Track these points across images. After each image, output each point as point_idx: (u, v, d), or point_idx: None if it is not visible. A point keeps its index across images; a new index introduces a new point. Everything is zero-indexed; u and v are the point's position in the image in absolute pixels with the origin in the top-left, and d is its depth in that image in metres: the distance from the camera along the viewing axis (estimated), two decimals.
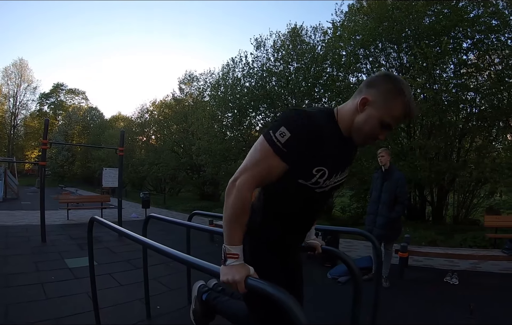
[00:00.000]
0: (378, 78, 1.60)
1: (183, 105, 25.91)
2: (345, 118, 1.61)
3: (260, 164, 1.53)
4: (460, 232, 9.84)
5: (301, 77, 14.99)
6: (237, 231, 1.55)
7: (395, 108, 1.53)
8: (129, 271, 5.98)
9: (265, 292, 1.40)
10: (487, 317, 4.43)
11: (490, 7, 11.10)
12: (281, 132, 1.49)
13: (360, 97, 1.57)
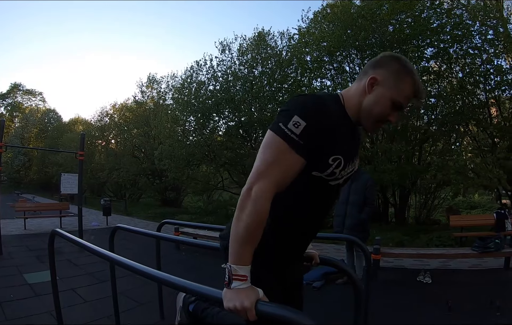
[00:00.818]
0: (385, 58, 1.49)
1: (144, 108, 25.21)
2: (352, 102, 1.48)
3: (276, 165, 1.31)
4: (423, 232, 10.23)
5: (265, 81, 14.94)
6: (249, 248, 1.32)
7: (406, 88, 1.44)
8: (93, 285, 5.62)
9: (282, 318, 1.24)
10: (463, 312, 4.64)
11: (453, 18, 11.60)
12: (294, 122, 1.30)
13: (367, 77, 1.46)
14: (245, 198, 1.30)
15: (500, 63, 11.74)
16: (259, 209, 1.28)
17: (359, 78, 1.52)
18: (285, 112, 1.35)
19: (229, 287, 1.31)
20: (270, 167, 1.31)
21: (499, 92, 11.83)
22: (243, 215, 1.29)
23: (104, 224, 13.57)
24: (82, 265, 6.85)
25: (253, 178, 1.31)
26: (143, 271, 1.86)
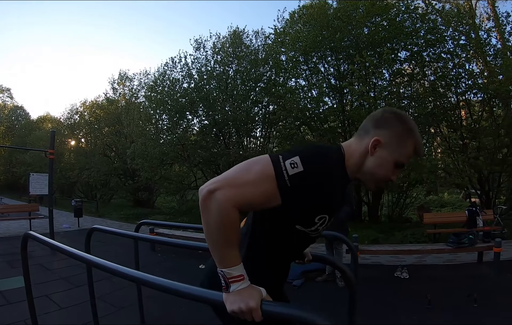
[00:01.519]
0: (388, 117, 1.44)
1: (116, 106, 24.55)
2: (353, 160, 1.44)
3: (252, 185, 1.24)
4: (397, 230, 10.51)
5: (239, 80, 14.91)
6: (231, 249, 1.26)
7: (408, 149, 1.42)
8: (68, 290, 5.39)
9: (292, 317, 1.22)
10: (442, 305, 4.85)
11: (427, 23, 11.93)
12: (293, 162, 1.25)
13: (370, 139, 1.41)
14: (206, 199, 1.21)
15: (472, 68, 12.09)
16: (227, 213, 1.20)
17: (360, 135, 1.48)
18: (289, 151, 1.32)
19: (227, 291, 1.26)
20: (246, 185, 1.24)
21: (470, 95, 12.21)
22: (210, 219, 1.22)
23: (76, 226, 13.17)
24: (55, 270, 6.62)
25: (220, 182, 1.23)
26: (138, 277, 1.79)
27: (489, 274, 6.36)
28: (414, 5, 12.50)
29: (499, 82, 11.02)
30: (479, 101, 12.44)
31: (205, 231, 1.25)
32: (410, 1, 12.79)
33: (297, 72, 13.99)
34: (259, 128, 16.23)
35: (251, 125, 15.41)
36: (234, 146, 14.74)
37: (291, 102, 12.76)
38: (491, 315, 4.48)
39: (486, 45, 12.01)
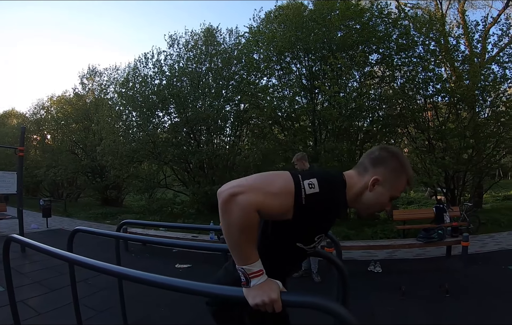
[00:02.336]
0: (384, 156, 1.60)
1: (84, 101, 23.76)
2: (353, 191, 1.58)
3: (273, 196, 1.34)
4: (367, 226, 10.74)
5: (211, 78, 14.86)
6: (251, 247, 1.35)
7: (402, 183, 1.59)
8: (44, 295, 5.10)
9: (308, 304, 1.34)
10: (416, 296, 5.15)
11: (399, 28, 12.28)
12: (310, 182, 1.38)
13: (370, 177, 1.56)
14: (227, 202, 1.29)
15: (440, 72, 12.55)
16: (248, 214, 1.28)
17: (359, 171, 1.61)
18: (308, 172, 1.45)
19: (248, 286, 1.35)
20: (269, 195, 1.33)
21: (438, 98, 12.66)
22: (232, 221, 1.29)
23: (44, 226, 12.53)
24: (28, 273, 6.33)
25: (243, 187, 1.30)
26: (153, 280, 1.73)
27: (458, 267, 6.75)
28: (387, 11, 12.83)
29: (466, 86, 11.52)
30: (446, 104, 12.89)
31: (225, 231, 1.33)
32: (384, 6, 13.15)
33: (270, 71, 14.07)
34: (229, 126, 16.17)
35: (223, 123, 15.37)
36: (205, 144, 14.60)
37: (264, 101, 12.86)
38: (462, 304, 4.81)
39: (455, 51, 12.50)
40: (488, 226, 10.81)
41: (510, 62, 12.11)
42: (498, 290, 5.32)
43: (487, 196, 19.33)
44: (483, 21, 13.18)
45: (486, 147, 12.50)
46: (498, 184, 16.85)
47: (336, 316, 1.27)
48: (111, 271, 1.97)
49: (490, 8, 23.48)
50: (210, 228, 6.51)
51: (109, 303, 4.55)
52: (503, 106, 11.92)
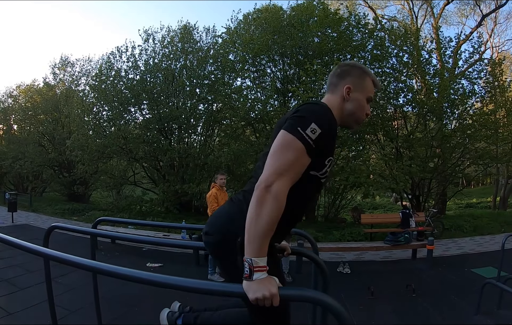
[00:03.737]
0: (346, 69, 1.78)
1: (54, 92, 22.81)
2: (335, 110, 1.68)
3: (295, 166, 1.47)
4: (334, 229, 11.01)
5: (185, 76, 14.75)
6: (268, 241, 1.44)
7: (370, 84, 1.77)
8: (13, 294, 4.84)
9: (305, 298, 1.42)
10: (385, 296, 5.40)
11: (375, 39, 12.61)
12: (312, 128, 1.47)
13: (342, 87, 1.72)
14: (263, 195, 1.40)
15: (412, 84, 13.01)
16: (280, 205, 1.42)
17: (331, 89, 1.78)
18: (301, 118, 1.51)
19: (250, 279, 1.39)
20: (291, 168, 1.46)
21: (408, 108, 13.07)
22: (263, 211, 1.39)
23: (9, 221, 11.77)
24: None
25: (272, 176, 1.42)
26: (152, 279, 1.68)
27: (423, 269, 7.07)
28: (364, 21, 13.12)
29: (435, 99, 11.92)
30: (415, 114, 13.28)
31: (253, 222, 1.41)
32: (362, 16, 13.45)
33: (245, 72, 14.09)
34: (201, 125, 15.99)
35: (195, 122, 15.24)
36: (177, 143, 14.45)
37: (238, 102, 12.88)
38: (428, 302, 5.10)
39: (427, 65, 12.95)
40: (451, 232, 11.35)
41: (479, 77, 12.70)
42: (461, 290, 5.67)
43: (450, 203, 20.12)
44: (456, 38, 13.75)
45: (452, 157, 12.99)
46: (461, 192, 17.48)
47: (329, 308, 1.34)
48: (92, 267, 1.98)
49: (464, 25, 24.59)
50: (183, 226, 6.50)
51: (81, 302, 4.46)
52: (470, 119, 12.42)
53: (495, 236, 10.86)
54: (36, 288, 3.56)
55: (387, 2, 23.62)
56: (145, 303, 4.59)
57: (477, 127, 12.16)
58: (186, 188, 13.00)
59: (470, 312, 4.68)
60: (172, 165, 14.86)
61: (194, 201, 15.26)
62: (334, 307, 1.32)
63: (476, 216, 14.80)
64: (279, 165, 1.45)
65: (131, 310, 4.53)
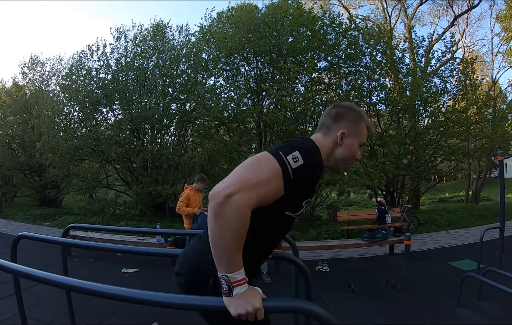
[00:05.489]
0: (341, 111, 1.71)
1: (24, 92, 22.07)
2: (325, 152, 1.62)
3: (265, 185, 1.33)
4: (311, 227, 11.00)
5: (158, 75, 14.53)
6: (239, 253, 1.31)
7: (364, 130, 1.71)
8: None
9: (290, 308, 1.38)
10: (365, 292, 5.45)
11: (349, 38, 12.66)
12: (294, 156, 1.39)
13: (337, 133, 1.65)
14: (222, 204, 1.25)
15: (385, 82, 13.17)
16: (244, 217, 1.26)
17: (323, 131, 1.70)
18: (287, 145, 1.45)
19: (230, 295, 1.30)
20: (260, 185, 1.32)
21: (381, 106, 13.22)
22: (225, 224, 1.25)
23: None
24: None
25: (236, 186, 1.27)
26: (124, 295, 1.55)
27: (401, 264, 7.14)
28: (338, 20, 13.13)
29: (408, 97, 12.08)
30: (388, 112, 13.43)
31: (216, 236, 1.28)
32: (336, 16, 13.48)
33: (218, 71, 13.98)
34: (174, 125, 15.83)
35: (168, 122, 15.04)
36: (149, 143, 14.19)
37: (211, 102, 12.75)
38: (408, 297, 5.19)
39: (400, 63, 13.14)
40: (427, 226, 11.52)
41: (451, 76, 12.94)
42: (440, 283, 5.75)
43: (424, 198, 20.50)
44: (429, 37, 14.02)
45: (425, 153, 13.23)
46: (434, 187, 17.85)
47: (318, 319, 1.28)
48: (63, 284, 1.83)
49: (436, 25, 25.23)
50: (158, 231, 6.36)
51: (56, 313, 4.29)
52: (443, 116, 12.62)
53: (470, 229, 11.10)
54: (8, 300, 3.36)
55: (361, 2, 23.97)
56: (122, 311, 4.45)
57: (450, 124, 12.41)
58: (160, 190, 12.77)
59: (451, 304, 4.76)
60: (145, 166, 14.56)
61: (169, 202, 14.97)
62: (324, 317, 1.28)
63: (450, 210, 15.12)
64: (247, 177, 1.32)
65: (107, 319, 4.39)
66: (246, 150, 12.27)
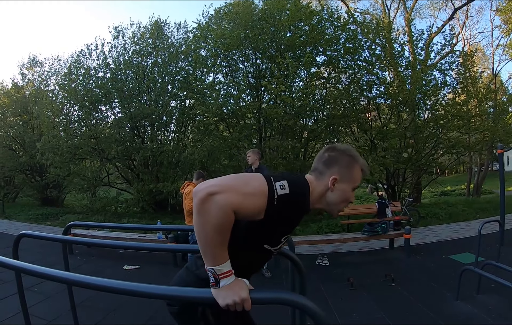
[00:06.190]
0: (334, 156, 1.69)
1: (23, 93, 22.15)
2: (315, 194, 1.64)
3: (249, 197, 1.36)
4: (311, 221, 10.98)
5: (157, 73, 14.56)
6: (223, 248, 1.36)
7: (357, 173, 1.70)
8: None
9: (276, 300, 1.37)
10: (364, 286, 5.45)
11: (347, 32, 12.61)
12: (281, 184, 1.43)
13: (328, 178, 1.64)
14: (205, 201, 1.28)
15: (384, 76, 13.12)
16: (226, 213, 1.29)
17: (316, 175, 1.69)
18: (278, 175, 1.49)
19: (217, 287, 1.36)
20: (246, 194, 1.35)
21: (381, 100, 13.17)
22: (208, 220, 1.29)
23: None
24: None
25: (221, 187, 1.31)
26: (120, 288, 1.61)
27: (401, 258, 7.15)
28: (337, 14, 13.08)
29: (408, 90, 12.01)
30: (388, 106, 13.37)
31: (199, 231, 1.33)
32: (334, 10, 13.40)
33: (217, 68, 13.95)
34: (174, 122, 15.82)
35: (168, 119, 15.00)
36: (149, 141, 14.17)
37: (210, 98, 12.74)
38: (408, 290, 5.19)
39: (399, 57, 13.09)
40: (427, 220, 11.52)
41: (450, 69, 12.85)
42: (440, 277, 5.75)
43: (425, 192, 20.41)
44: (428, 30, 13.88)
45: (425, 147, 13.17)
46: (436, 180, 17.78)
47: (305, 310, 1.32)
48: (64, 279, 1.92)
49: (436, 18, 25.09)
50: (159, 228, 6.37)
51: (58, 311, 4.36)
52: (443, 109, 12.57)
53: (471, 222, 11.07)
54: (11, 299, 3.47)
55: None
56: (124, 307, 4.54)
57: (450, 117, 12.34)
58: (161, 187, 12.79)
59: (450, 298, 4.78)
60: (146, 164, 14.61)
61: (170, 199, 15.00)
62: (311, 309, 1.31)
63: (451, 203, 15.13)
64: (233, 184, 1.36)
65: (109, 315, 4.44)
66: (247, 146, 12.32)
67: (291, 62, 11.30)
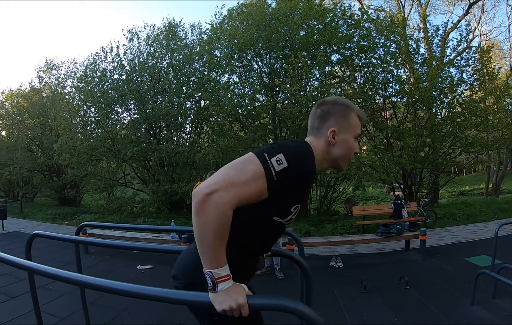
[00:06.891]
0: (327, 108, 1.65)
1: (41, 96, 22.59)
2: (319, 155, 1.57)
3: (247, 184, 1.34)
4: (327, 222, 10.97)
5: (172, 74, 14.67)
6: (222, 250, 1.33)
7: (355, 121, 1.65)
8: (4, 303, 4.85)
9: (275, 306, 1.32)
10: (377, 289, 5.36)
11: (361, 30, 12.48)
12: (278, 158, 1.36)
13: (327, 133, 1.60)
14: (203, 203, 1.27)
15: (400, 74, 12.94)
16: (224, 214, 1.28)
17: (314, 133, 1.65)
18: (272, 147, 1.42)
19: (215, 291, 1.32)
20: (242, 184, 1.32)
21: (397, 98, 13.00)
22: (207, 221, 1.28)
23: None
24: None
25: (217, 184, 1.30)
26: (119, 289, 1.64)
27: (416, 260, 7.03)
28: (350, 12, 12.99)
29: (424, 88, 11.82)
30: (404, 104, 13.23)
31: (198, 233, 1.31)
32: (347, 7, 13.31)
33: (231, 68, 13.93)
34: (189, 123, 15.94)
35: (183, 120, 15.15)
36: (165, 142, 14.30)
37: (225, 98, 12.74)
38: (422, 294, 5.06)
39: (415, 54, 12.86)
40: (444, 220, 11.31)
41: (467, 65, 12.64)
42: (456, 280, 5.63)
43: (443, 191, 20.03)
44: (444, 26, 13.63)
45: (442, 145, 12.93)
46: (453, 180, 17.48)
47: (303, 317, 1.28)
48: (75, 280, 1.93)
49: (451, 14, 24.54)
50: (172, 229, 6.41)
51: (71, 309, 4.42)
52: (459, 107, 12.34)
53: (489, 223, 10.83)
54: (27, 296, 3.49)
55: None
56: (135, 306, 4.57)
57: (467, 115, 12.08)
58: (176, 187, 12.89)
59: (465, 302, 4.64)
60: (162, 164, 14.77)
61: (186, 200, 15.06)
62: (310, 317, 1.26)
63: (469, 203, 14.75)
64: (228, 177, 1.34)
65: (120, 314, 4.48)
66: (262, 146, 12.23)
67: (304, 61, 11.25)
